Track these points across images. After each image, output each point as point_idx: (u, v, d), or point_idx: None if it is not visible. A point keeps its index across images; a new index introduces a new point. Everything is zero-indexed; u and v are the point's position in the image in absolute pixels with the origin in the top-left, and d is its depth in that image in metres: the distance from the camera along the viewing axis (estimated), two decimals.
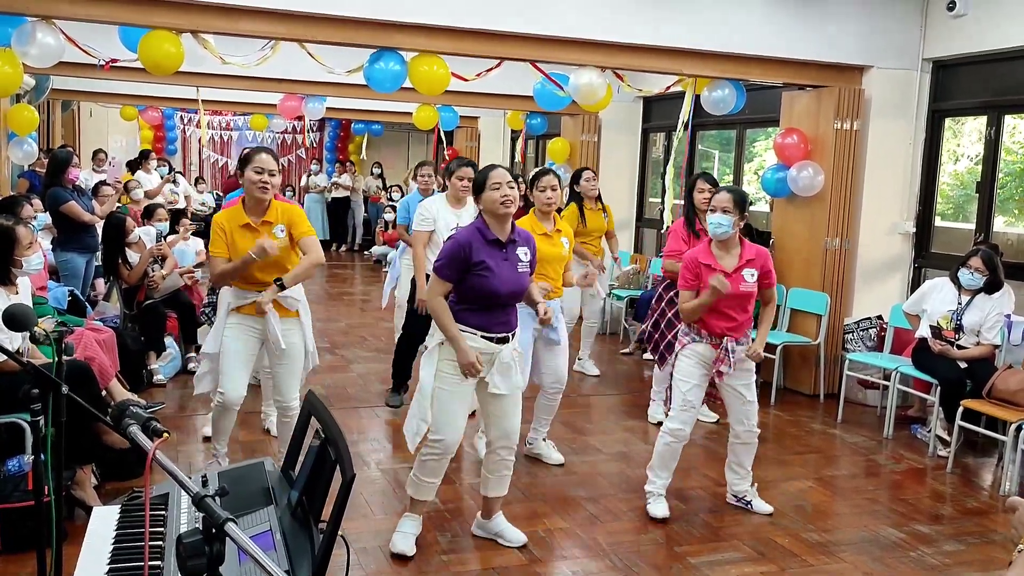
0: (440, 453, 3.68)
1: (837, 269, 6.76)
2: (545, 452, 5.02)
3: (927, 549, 4.08)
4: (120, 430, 1.77)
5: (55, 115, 12.84)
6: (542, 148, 12.34)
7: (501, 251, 3.59)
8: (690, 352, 4.18)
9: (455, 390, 3.62)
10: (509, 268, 3.60)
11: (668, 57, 6.27)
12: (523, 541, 3.89)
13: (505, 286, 3.57)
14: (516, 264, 3.63)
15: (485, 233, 3.59)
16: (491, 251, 3.57)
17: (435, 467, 3.73)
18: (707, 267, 4.06)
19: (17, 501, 3.62)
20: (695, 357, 4.17)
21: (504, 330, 3.65)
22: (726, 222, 4.04)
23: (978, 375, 5.23)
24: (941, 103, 6.72)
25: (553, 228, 4.73)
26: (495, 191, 3.56)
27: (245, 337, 4.12)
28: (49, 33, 5.41)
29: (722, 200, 4.06)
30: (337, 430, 1.98)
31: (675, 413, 4.19)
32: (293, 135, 16.89)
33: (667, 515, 4.23)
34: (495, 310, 3.61)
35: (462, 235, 3.62)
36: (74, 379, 3.74)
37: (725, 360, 4.10)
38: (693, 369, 4.16)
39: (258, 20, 5.38)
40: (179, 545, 1.43)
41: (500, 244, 3.59)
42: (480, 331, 3.60)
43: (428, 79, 6.05)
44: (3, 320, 2.29)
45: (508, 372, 3.68)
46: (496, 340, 3.63)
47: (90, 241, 6.96)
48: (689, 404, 4.17)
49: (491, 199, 3.57)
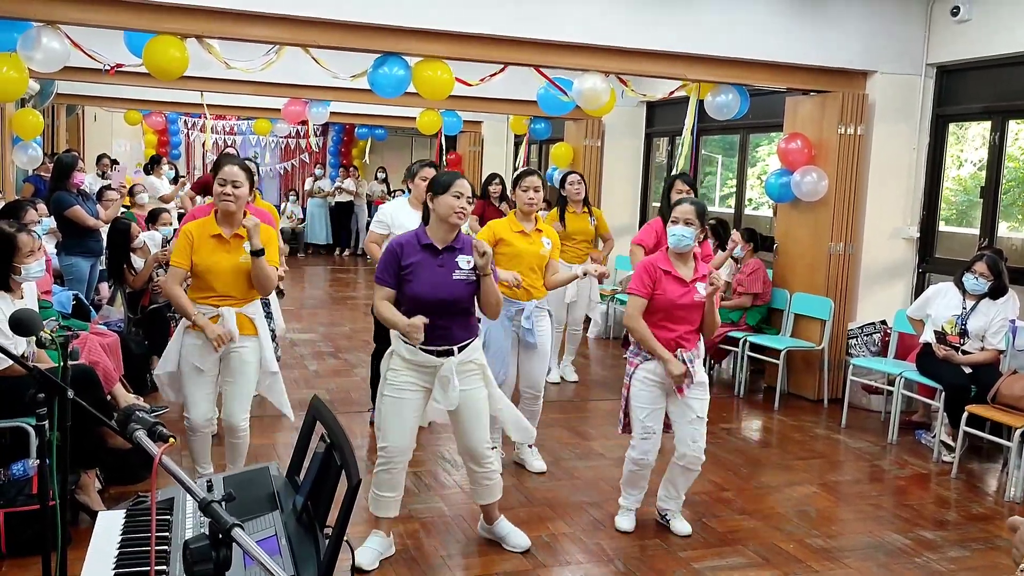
0: (386, 462, 3.60)
1: (841, 274, 6.75)
2: (528, 460, 4.96)
3: (932, 555, 4.07)
4: (126, 435, 1.78)
5: (60, 119, 12.88)
6: (545, 153, 12.35)
7: (435, 256, 3.50)
8: (643, 373, 3.95)
9: (400, 397, 3.56)
10: (441, 274, 3.48)
11: (672, 62, 6.27)
12: (527, 546, 3.87)
13: (430, 292, 3.45)
14: (452, 271, 3.50)
15: (421, 237, 3.53)
16: (423, 255, 3.49)
17: (387, 479, 3.63)
18: (664, 272, 3.91)
19: (22, 505, 3.62)
20: (649, 378, 3.95)
21: (444, 343, 3.50)
22: (688, 235, 3.89)
23: (983, 380, 5.22)
24: (945, 108, 6.72)
25: (533, 228, 4.70)
26: (456, 199, 3.47)
27: (200, 357, 3.93)
28: (55, 38, 5.42)
29: (686, 212, 3.91)
30: (342, 435, 1.98)
31: (636, 442, 4.01)
32: (297, 139, 16.91)
33: (632, 529, 4.13)
34: (431, 321, 3.43)
35: (398, 238, 3.59)
36: (79, 383, 3.75)
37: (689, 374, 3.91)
38: (647, 392, 3.95)
39: (262, 25, 5.39)
40: (186, 550, 1.44)
41: (435, 250, 3.51)
42: (419, 344, 3.46)
43: (432, 84, 6.06)
44: (10, 325, 2.29)
45: (446, 386, 3.51)
46: (436, 353, 3.51)
47: (94, 245, 6.97)
48: (649, 431, 3.97)
49: (448, 204, 3.47)
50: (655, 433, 4.01)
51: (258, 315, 4.08)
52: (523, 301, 4.66)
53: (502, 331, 4.64)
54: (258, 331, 4.05)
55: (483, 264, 3.49)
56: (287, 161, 17.30)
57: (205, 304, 3.94)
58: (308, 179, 16.33)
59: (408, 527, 4.10)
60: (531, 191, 4.72)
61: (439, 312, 3.47)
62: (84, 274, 6.90)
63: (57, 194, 6.84)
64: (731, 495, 4.70)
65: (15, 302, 3.95)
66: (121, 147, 15.70)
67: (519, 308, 4.65)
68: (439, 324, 3.47)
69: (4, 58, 5.58)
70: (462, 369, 3.58)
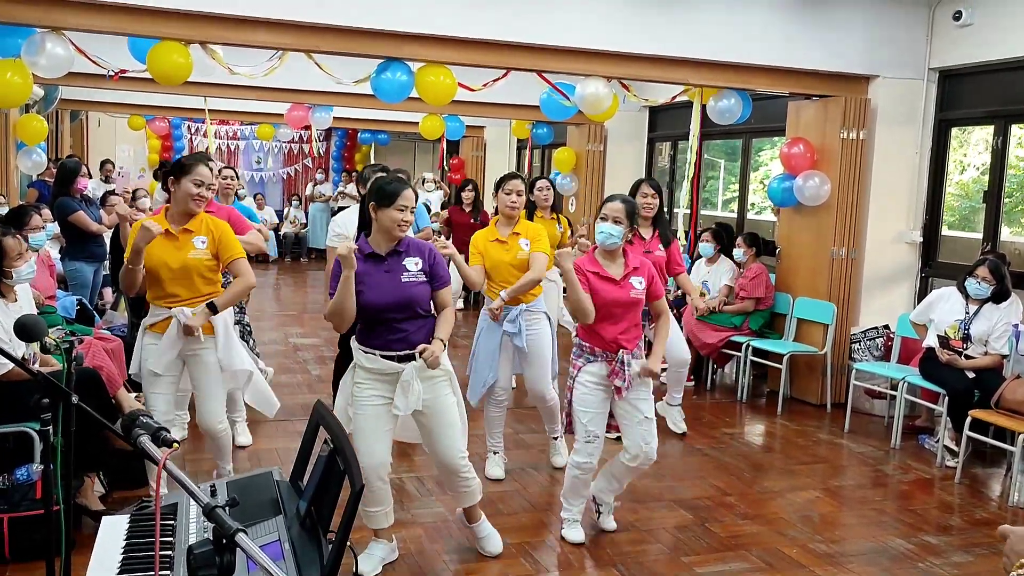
0: (364, 479, 3.56)
1: (844, 278, 6.75)
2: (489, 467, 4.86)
3: (935, 560, 4.07)
4: (130, 440, 1.78)
5: (63, 125, 12.91)
6: (548, 158, 12.36)
7: (380, 263, 3.47)
8: (586, 376, 3.85)
9: (363, 412, 3.50)
10: (389, 279, 3.44)
11: (674, 67, 6.28)
12: (498, 551, 3.84)
13: (382, 298, 3.42)
14: (399, 274, 3.46)
15: (363, 247, 3.48)
16: (368, 265, 3.45)
17: (369, 496, 3.55)
18: (594, 274, 3.85)
19: (26, 510, 3.63)
20: (592, 380, 3.85)
21: (403, 347, 3.46)
22: (616, 233, 3.82)
23: (986, 385, 5.21)
24: (948, 112, 6.72)
25: (509, 232, 4.65)
26: (399, 212, 3.41)
27: (160, 358, 3.86)
28: (59, 44, 5.44)
29: (615, 210, 3.83)
30: (346, 440, 1.99)
31: (579, 446, 3.90)
32: (300, 144, 16.94)
33: (584, 540, 4.02)
34: (383, 326, 3.44)
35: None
36: (83, 387, 3.75)
37: (620, 374, 3.80)
38: (591, 396, 3.85)
39: (266, 30, 5.41)
40: (190, 555, 1.44)
41: (379, 257, 3.48)
42: (379, 351, 3.45)
43: (435, 89, 6.08)
44: (15, 331, 2.30)
45: (407, 391, 3.45)
46: (398, 359, 3.46)
47: (98, 251, 6.99)
48: (592, 435, 3.87)
49: (392, 218, 3.42)
50: (598, 437, 3.91)
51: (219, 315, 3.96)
52: (510, 307, 4.62)
53: (489, 335, 4.62)
54: (215, 330, 3.93)
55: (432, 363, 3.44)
56: (290, 166, 17.33)
57: (159, 305, 3.87)
58: (309, 184, 16.36)
59: (410, 532, 4.10)
60: (513, 194, 4.66)
61: (395, 317, 3.45)
62: (88, 279, 6.92)
63: (60, 199, 6.86)
64: (734, 500, 4.69)
65: (9, 306, 3.96)
66: (125, 152, 15.74)
67: (504, 313, 4.62)
68: (397, 328, 3.45)
69: (8, 64, 5.60)
70: (426, 375, 3.49)
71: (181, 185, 3.81)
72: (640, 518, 4.37)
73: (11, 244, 4.03)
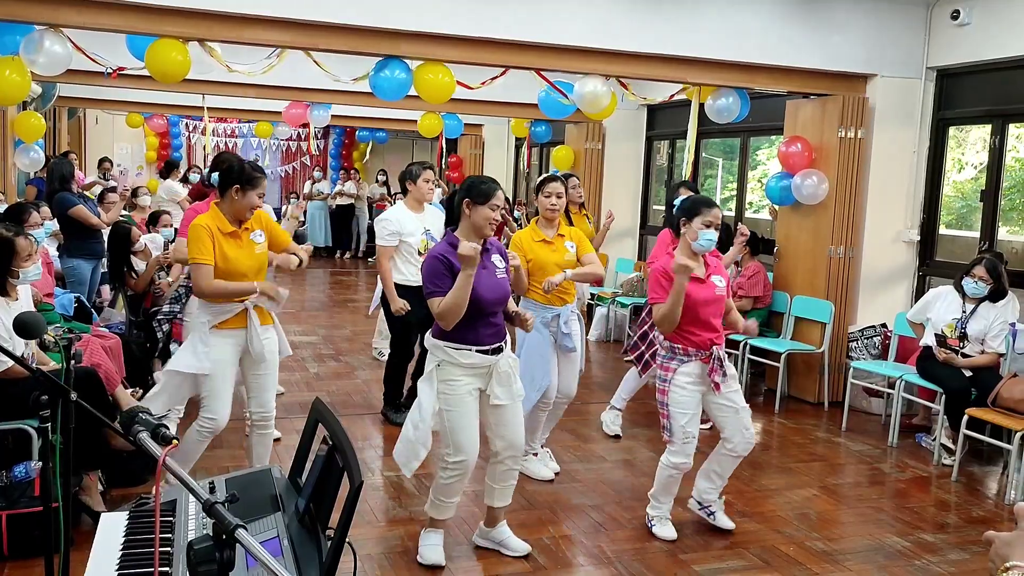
0: (462, 473, 3.63)
1: (841, 277, 6.76)
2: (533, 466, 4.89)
3: (932, 558, 4.08)
4: (130, 437, 1.78)
5: (61, 122, 12.89)
6: (546, 156, 12.36)
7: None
8: (682, 378, 3.96)
9: (462, 408, 3.58)
10: (488, 275, 3.58)
11: (672, 65, 6.29)
12: (526, 551, 3.87)
13: (489, 293, 3.55)
14: (494, 271, 3.63)
15: (456, 246, 3.52)
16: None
17: (457, 487, 3.68)
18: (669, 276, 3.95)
19: (24, 507, 3.63)
20: (688, 380, 3.96)
21: (495, 340, 3.61)
22: (715, 238, 3.99)
23: (983, 383, 5.23)
24: (945, 112, 6.73)
25: (555, 234, 4.70)
26: (492, 211, 3.56)
27: (232, 355, 3.97)
28: (57, 41, 5.44)
29: (719, 216, 4.01)
30: (344, 437, 1.99)
31: (677, 447, 4.00)
32: (298, 142, 16.93)
33: (675, 536, 4.13)
34: (482, 320, 3.55)
35: (437, 251, 3.59)
36: (82, 385, 3.75)
37: (718, 370, 3.96)
38: (688, 398, 3.97)
39: (264, 28, 5.41)
40: (190, 551, 1.44)
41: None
42: (474, 346, 3.55)
43: (433, 87, 6.08)
44: (14, 328, 2.30)
45: (508, 381, 3.64)
46: (490, 352, 3.59)
47: (96, 248, 6.98)
48: (690, 436, 4.00)
49: (484, 216, 3.56)
50: (695, 438, 4.04)
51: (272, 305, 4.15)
52: (557, 307, 4.64)
53: (540, 338, 4.59)
54: (273, 320, 4.14)
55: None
56: (288, 164, 17.32)
57: (229, 303, 3.94)
58: (306, 182, 16.34)
59: (410, 529, 4.11)
60: (553, 197, 4.68)
61: (494, 312, 3.61)
62: (86, 277, 6.91)
63: (60, 194, 6.86)
64: (731, 498, 4.69)
65: (11, 305, 3.96)
66: (123, 150, 15.72)
67: (555, 314, 4.63)
68: (492, 323, 3.61)
69: (6, 61, 5.60)
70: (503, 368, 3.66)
71: (246, 197, 3.89)
72: (638, 516, 4.38)
73: (23, 244, 4.04)
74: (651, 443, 5.64)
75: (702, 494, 4.28)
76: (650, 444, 5.61)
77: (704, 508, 4.28)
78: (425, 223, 5.56)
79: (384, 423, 5.81)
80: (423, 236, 5.52)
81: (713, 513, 4.27)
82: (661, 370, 4.05)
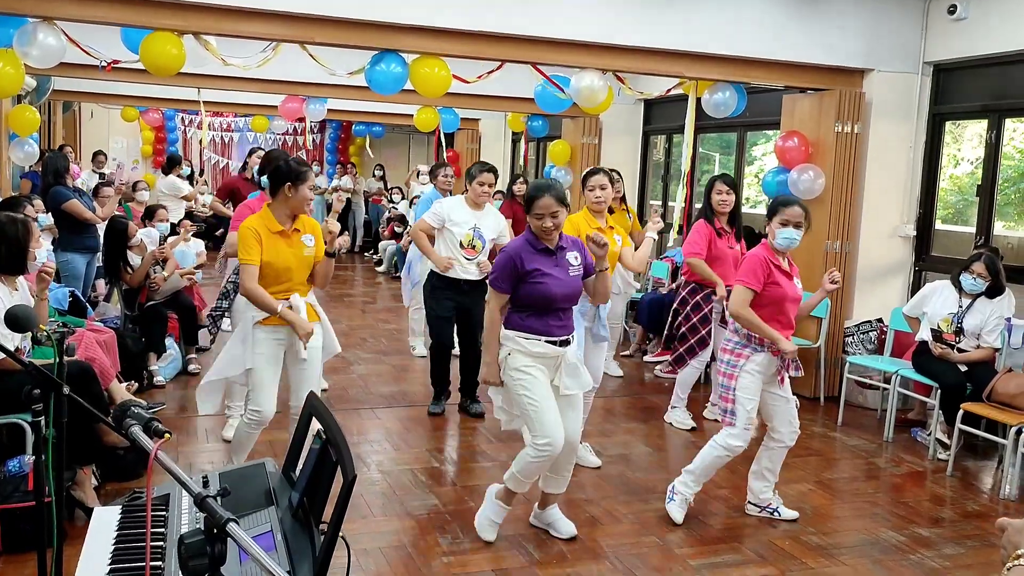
0: (547, 456, 3.70)
1: (838, 272, 6.74)
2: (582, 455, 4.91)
3: (927, 552, 4.08)
4: (122, 430, 1.78)
5: (56, 116, 12.85)
6: (543, 150, 12.34)
7: (551, 258, 3.77)
8: (753, 366, 4.10)
9: (542, 393, 3.71)
10: (561, 272, 3.76)
11: (669, 60, 6.27)
12: (573, 534, 3.99)
13: (560, 289, 3.74)
14: (567, 268, 3.79)
15: (534, 244, 3.77)
16: (543, 259, 3.75)
17: (539, 469, 3.79)
18: (777, 267, 4.11)
19: (17, 502, 3.61)
20: (758, 369, 4.10)
21: (564, 332, 3.79)
22: (799, 236, 4.13)
23: (978, 378, 5.23)
24: (942, 106, 6.73)
25: (606, 225, 4.75)
26: (538, 220, 3.72)
27: (275, 350, 4.08)
28: (51, 34, 5.41)
29: (798, 215, 4.12)
30: (338, 431, 1.98)
31: (739, 431, 4.10)
32: (294, 137, 16.90)
33: (681, 522, 4.21)
34: (552, 314, 3.76)
35: (512, 247, 3.80)
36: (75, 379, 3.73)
37: (792, 363, 4.15)
38: (756, 385, 4.12)
39: (259, 22, 5.38)
40: (181, 545, 1.44)
41: (550, 252, 3.77)
42: (543, 336, 3.73)
43: (429, 81, 6.06)
44: (6, 321, 2.29)
45: (576, 372, 3.81)
46: (559, 343, 3.76)
47: (91, 242, 6.96)
48: (752, 421, 4.13)
49: (536, 226, 3.74)
50: (754, 424, 4.19)
51: (317, 301, 4.26)
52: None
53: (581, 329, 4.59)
54: (320, 316, 4.23)
55: (602, 255, 3.87)
56: None
57: (274, 297, 4.01)
58: None
59: (404, 523, 4.11)
60: (597, 190, 4.73)
61: (563, 306, 3.79)
62: (80, 271, 6.89)
63: (55, 188, 6.84)
64: (728, 492, 4.70)
65: (13, 294, 3.97)
66: (118, 144, 15.68)
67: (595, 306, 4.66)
68: (561, 316, 3.79)
69: (0, 54, 5.57)
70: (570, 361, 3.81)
71: (299, 191, 3.99)
72: (634, 510, 4.38)
73: (35, 227, 4.26)
74: (648, 438, 5.64)
75: (758, 495, 4.39)
76: (647, 439, 5.61)
77: (765, 508, 4.37)
78: (479, 221, 5.69)
79: (388, 413, 5.81)
80: (470, 231, 5.65)
81: (776, 509, 4.36)
82: (732, 356, 4.16)
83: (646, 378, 7.30)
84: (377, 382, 6.63)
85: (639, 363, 7.81)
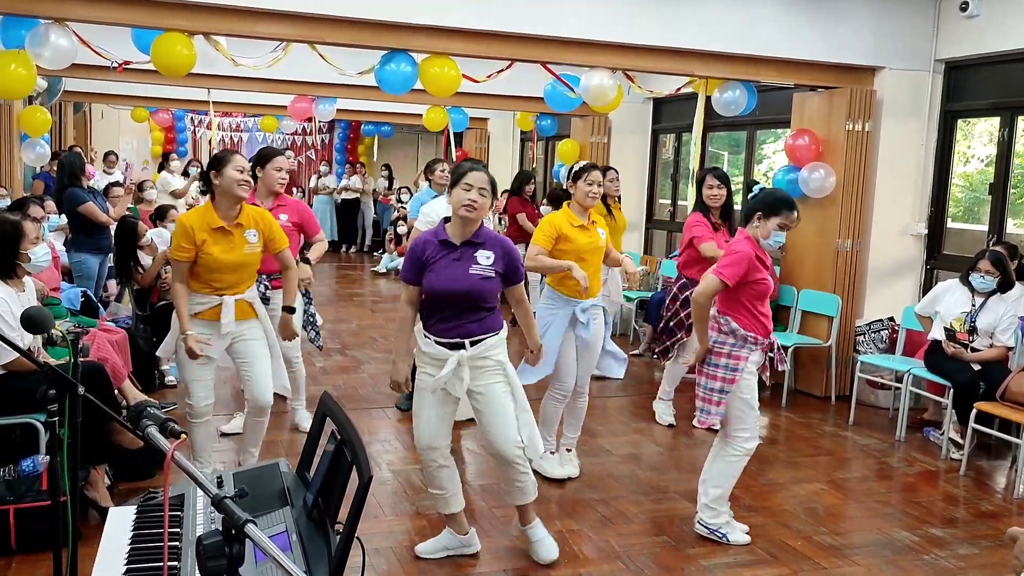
0: (427, 458, 3.65)
1: (848, 271, 6.74)
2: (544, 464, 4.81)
3: (941, 552, 4.07)
4: (138, 431, 1.78)
5: (67, 117, 12.91)
6: (552, 149, 12.33)
7: (452, 251, 3.50)
8: (751, 366, 3.99)
9: (420, 394, 3.62)
10: (457, 267, 3.47)
11: (679, 58, 6.26)
12: (551, 559, 3.73)
13: (444, 284, 3.44)
14: (469, 265, 3.48)
15: (439, 234, 3.54)
16: (441, 251, 3.50)
17: (427, 476, 3.71)
18: (761, 262, 3.96)
19: (32, 501, 3.63)
20: (753, 369, 4.02)
21: (455, 335, 3.49)
22: (783, 241, 4.05)
23: (991, 377, 5.20)
24: (953, 104, 6.69)
25: (588, 221, 4.71)
26: (465, 191, 3.44)
27: (219, 344, 4.05)
28: (62, 35, 5.43)
29: (795, 220, 4.05)
30: (353, 431, 1.98)
31: (751, 433, 4.03)
32: (303, 136, 16.92)
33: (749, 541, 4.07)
34: (444, 313, 3.50)
35: (420, 237, 3.61)
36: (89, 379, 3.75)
37: (781, 358, 4.13)
38: (754, 383, 4.04)
39: (269, 22, 5.39)
40: (199, 546, 1.44)
41: (452, 245, 3.50)
42: (431, 335, 3.53)
43: (439, 81, 6.06)
44: (22, 322, 2.30)
45: (458, 376, 3.52)
46: (448, 346, 3.50)
47: (103, 242, 7.00)
48: (758, 420, 4.09)
49: (456, 198, 3.47)
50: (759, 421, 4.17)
51: (256, 299, 4.21)
52: (576, 299, 4.59)
53: (554, 328, 4.55)
54: (258, 313, 4.17)
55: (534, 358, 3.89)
56: (293, 158, 17.31)
57: (206, 293, 3.99)
58: (312, 176, 16.34)
59: (416, 523, 4.11)
60: (595, 185, 4.69)
61: (453, 305, 3.49)
62: (93, 271, 6.92)
63: (70, 190, 6.87)
64: (738, 492, 4.67)
65: (19, 295, 3.98)
66: (128, 144, 15.74)
67: (572, 306, 4.59)
68: (453, 316, 3.50)
69: (12, 55, 5.60)
70: (477, 364, 3.52)
71: (224, 174, 3.92)
72: (644, 510, 4.38)
73: (29, 227, 4.20)
74: (657, 438, 5.63)
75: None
76: (656, 439, 5.60)
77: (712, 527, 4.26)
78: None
79: (399, 412, 5.81)
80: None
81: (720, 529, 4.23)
82: (730, 359, 3.93)
83: (655, 377, 7.27)
84: (387, 381, 6.62)
85: (648, 362, 7.79)
